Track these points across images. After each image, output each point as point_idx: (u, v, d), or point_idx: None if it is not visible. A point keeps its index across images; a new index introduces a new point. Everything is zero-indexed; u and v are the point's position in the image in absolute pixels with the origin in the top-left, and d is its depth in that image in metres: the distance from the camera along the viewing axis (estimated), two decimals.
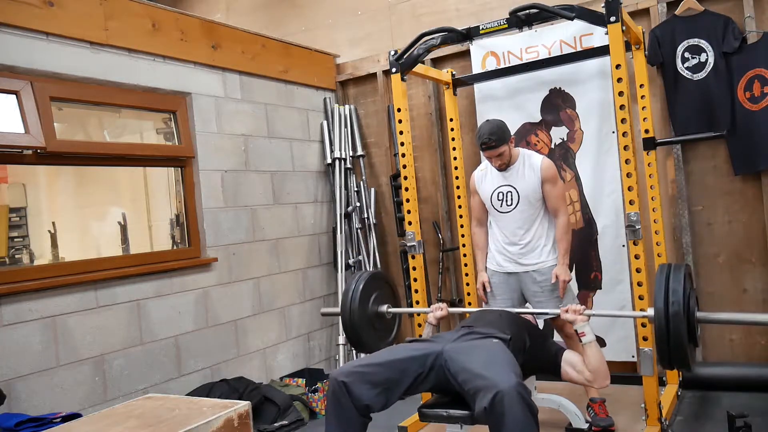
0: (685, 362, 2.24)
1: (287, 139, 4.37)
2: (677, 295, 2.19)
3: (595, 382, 2.55)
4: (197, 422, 1.97)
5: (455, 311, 3.25)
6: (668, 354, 2.22)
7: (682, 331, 2.17)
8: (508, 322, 2.65)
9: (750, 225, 3.51)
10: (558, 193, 3.20)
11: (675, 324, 2.17)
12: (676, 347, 2.19)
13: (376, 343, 3.06)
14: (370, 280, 3.06)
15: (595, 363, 2.51)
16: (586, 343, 2.54)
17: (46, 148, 2.94)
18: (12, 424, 2.47)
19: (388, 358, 2.38)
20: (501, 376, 2.10)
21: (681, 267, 2.28)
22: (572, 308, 2.62)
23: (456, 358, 2.31)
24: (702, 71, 3.51)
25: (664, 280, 2.24)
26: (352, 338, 3.02)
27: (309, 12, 5.04)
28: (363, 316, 2.98)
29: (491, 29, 3.31)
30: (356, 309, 2.95)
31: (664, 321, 2.19)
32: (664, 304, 2.20)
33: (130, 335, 3.24)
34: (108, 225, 4.00)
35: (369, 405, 2.26)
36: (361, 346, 3.06)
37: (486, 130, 3.08)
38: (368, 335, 3.02)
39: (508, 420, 2.00)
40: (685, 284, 2.23)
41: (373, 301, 3.05)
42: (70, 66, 3.08)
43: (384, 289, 3.15)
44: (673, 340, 2.18)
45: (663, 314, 2.19)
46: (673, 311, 2.17)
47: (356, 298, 2.97)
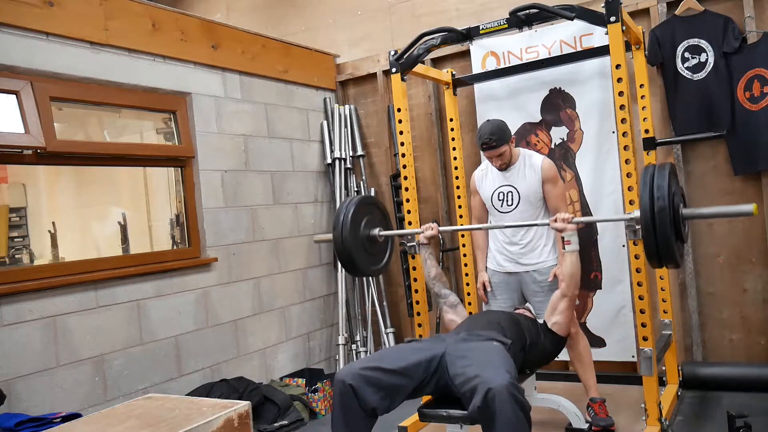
0: (673, 257, 2.30)
1: (287, 139, 4.37)
2: (662, 192, 2.24)
3: (568, 289, 2.75)
4: (197, 422, 1.97)
5: (445, 230, 3.31)
6: (656, 250, 2.28)
7: (668, 227, 2.23)
8: (508, 323, 2.65)
9: (750, 225, 3.51)
10: (558, 193, 3.21)
11: (661, 220, 2.23)
12: (663, 242, 2.25)
13: (370, 267, 3.14)
14: (361, 204, 3.08)
15: (571, 269, 2.72)
16: (569, 251, 2.72)
17: (46, 148, 2.94)
18: (12, 424, 2.48)
19: (395, 364, 2.36)
20: (493, 375, 2.11)
21: (665, 166, 2.33)
22: (560, 217, 2.73)
23: (455, 362, 2.32)
24: (702, 71, 3.51)
25: (649, 179, 2.29)
26: (346, 262, 3.06)
27: (309, 12, 5.04)
28: (355, 240, 3.01)
29: (491, 29, 3.31)
30: (348, 233, 2.98)
31: (650, 217, 2.25)
32: (649, 200, 2.26)
33: (130, 335, 3.24)
34: (108, 225, 4.00)
35: (375, 408, 2.27)
36: (355, 270, 3.11)
37: (486, 130, 3.08)
38: (361, 258, 3.06)
39: (500, 418, 2.02)
40: (670, 182, 2.28)
41: (365, 224, 3.08)
42: (70, 66, 3.08)
43: (375, 214, 3.18)
44: (660, 235, 2.24)
45: (648, 211, 2.26)
46: (659, 207, 2.23)
47: (347, 222, 2.99)
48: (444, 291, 3.03)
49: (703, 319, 3.63)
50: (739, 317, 3.56)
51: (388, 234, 3.19)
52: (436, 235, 3.06)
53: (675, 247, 2.30)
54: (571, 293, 2.76)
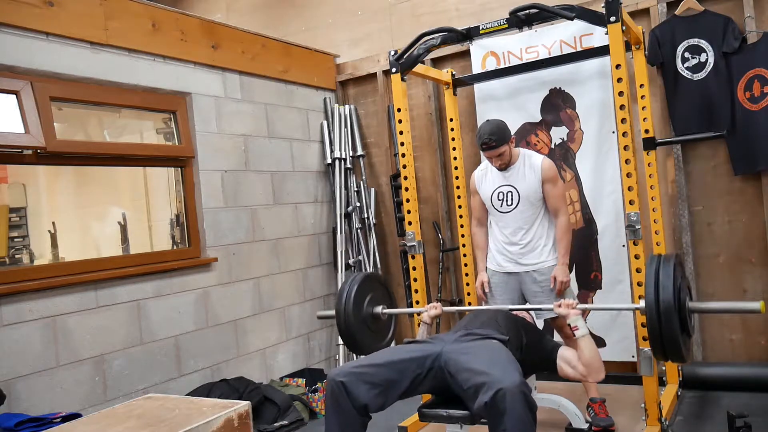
0: (679, 353, 2.24)
1: (287, 139, 4.37)
2: (667, 286, 2.19)
3: (589, 376, 2.55)
4: (197, 422, 1.97)
5: (450, 310, 3.24)
6: (662, 346, 2.23)
7: (674, 323, 2.17)
8: (505, 321, 2.65)
9: (750, 225, 3.51)
10: (558, 193, 3.20)
11: (666, 315, 2.17)
12: (669, 339, 2.20)
13: (373, 345, 3.05)
14: (364, 281, 3.05)
15: (589, 356, 2.51)
16: (580, 337, 2.54)
17: (46, 148, 2.94)
18: (12, 424, 2.48)
19: (387, 359, 2.38)
20: (504, 373, 2.10)
21: (671, 257, 2.28)
22: (565, 302, 2.63)
23: (456, 358, 2.31)
24: (702, 71, 3.51)
25: (654, 272, 2.24)
26: (348, 341, 3.01)
27: (309, 12, 5.04)
28: (358, 318, 2.97)
29: (491, 29, 3.31)
30: (351, 311, 2.94)
31: (655, 314, 2.20)
32: (654, 295, 2.20)
33: (130, 335, 3.24)
34: (108, 225, 4.00)
35: (367, 405, 2.26)
36: (357, 348, 3.05)
37: (486, 131, 3.08)
38: (364, 337, 3.01)
39: (509, 417, 2.01)
40: (675, 275, 2.23)
41: (368, 302, 3.04)
42: (70, 66, 3.08)
43: (378, 290, 3.14)
44: (666, 332, 2.19)
45: (654, 307, 2.20)
46: (664, 302, 2.18)
47: (350, 300, 2.96)
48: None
49: (703, 319, 3.63)
50: (739, 317, 3.56)
51: (391, 312, 3.15)
52: (440, 314, 2.97)
53: (681, 341, 2.23)
54: (593, 380, 2.59)
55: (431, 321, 2.95)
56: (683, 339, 2.24)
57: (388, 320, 3.18)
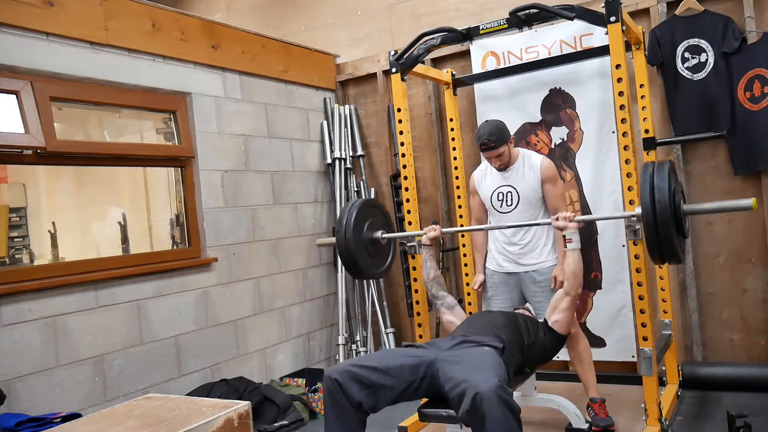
0: (675, 253, 2.33)
1: (287, 139, 4.37)
2: (662, 189, 2.28)
3: (570, 288, 2.75)
4: (197, 422, 1.97)
5: (448, 231, 3.33)
6: (658, 247, 2.32)
7: (669, 223, 2.26)
8: (504, 324, 2.64)
9: (750, 225, 3.51)
10: (558, 193, 3.21)
11: (662, 216, 2.26)
12: (665, 239, 2.29)
13: (373, 269, 3.15)
14: (363, 207, 3.09)
15: (573, 267, 2.72)
16: (571, 249, 2.71)
17: (46, 148, 2.94)
18: (12, 424, 2.48)
19: (383, 363, 2.38)
20: (481, 378, 2.10)
21: (665, 163, 2.36)
22: (562, 215, 2.74)
23: (445, 368, 2.31)
24: (702, 71, 3.51)
25: (649, 176, 2.32)
26: (349, 265, 3.07)
27: (309, 12, 5.04)
28: (358, 242, 3.02)
29: (491, 29, 3.31)
30: (351, 235, 3.00)
31: (651, 214, 2.28)
32: (650, 198, 2.29)
33: (130, 335, 3.24)
34: (108, 225, 4.00)
35: (361, 403, 2.29)
36: (358, 272, 3.12)
37: (485, 131, 3.08)
38: (365, 261, 3.07)
39: (489, 421, 2.01)
40: (670, 178, 2.31)
41: (368, 227, 3.09)
42: (70, 66, 3.08)
43: (377, 216, 3.19)
44: (662, 231, 2.27)
45: (650, 208, 2.29)
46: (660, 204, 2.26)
47: (350, 224, 3.00)
48: (441, 293, 3.03)
49: (703, 319, 3.63)
50: (739, 317, 3.56)
51: (390, 236, 3.20)
52: (438, 236, 3.06)
53: (677, 242, 2.32)
54: (574, 292, 2.77)
55: (431, 242, 3.06)
56: (679, 240, 2.34)
57: (388, 245, 3.24)
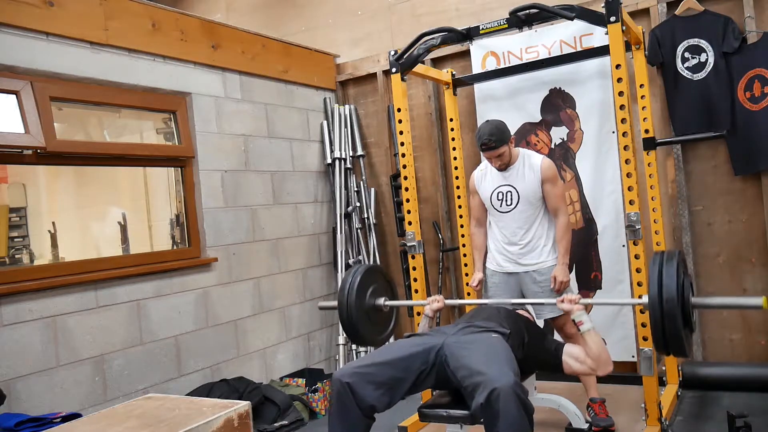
0: (681, 348, 2.26)
1: (287, 139, 4.37)
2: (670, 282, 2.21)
3: (599, 370, 2.54)
4: (197, 422, 1.97)
5: (451, 303, 3.25)
6: (664, 341, 2.24)
7: (676, 317, 2.19)
8: (507, 317, 2.65)
9: (750, 225, 3.51)
10: (558, 192, 3.20)
11: (669, 310, 2.19)
12: (671, 333, 2.21)
13: (374, 337, 3.08)
14: (367, 273, 3.06)
15: (596, 350, 2.50)
16: (585, 331, 2.53)
17: (46, 148, 2.94)
18: (12, 424, 2.47)
19: (391, 356, 2.37)
20: (499, 373, 2.10)
21: (674, 254, 2.30)
22: (567, 298, 2.63)
23: (456, 353, 2.30)
24: (702, 71, 3.51)
25: (657, 266, 2.26)
26: (350, 332, 3.03)
27: (309, 12, 5.04)
28: (360, 310, 2.98)
29: (491, 29, 3.31)
30: (353, 302, 2.95)
31: (658, 308, 2.21)
32: (657, 290, 2.22)
33: (130, 335, 3.24)
34: (108, 225, 4.00)
35: (374, 405, 2.25)
36: (359, 339, 3.07)
37: (485, 131, 3.08)
38: (366, 328, 3.03)
39: (503, 418, 2.01)
40: (679, 271, 2.24)
41: (370, 294, 3.05)
42: (70, 66, 3.08)
43: (380, 282, 3.16)
44: (669, 326, 2.20)
45: (657, 301, 2.21)
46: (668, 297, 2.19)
47: (353, 291, 2.97)
48: None
49: (703, 319, 3.63)
50: (739, 317, 3.56)
51: (393, 305, 3.15)
52: (442, 307, 2.97)
53: (684, 336, 2.24)
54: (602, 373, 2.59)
55: (433, 314, 2.95)
56: (686, 334, 2.26)
57: (390, 312, 3.19)
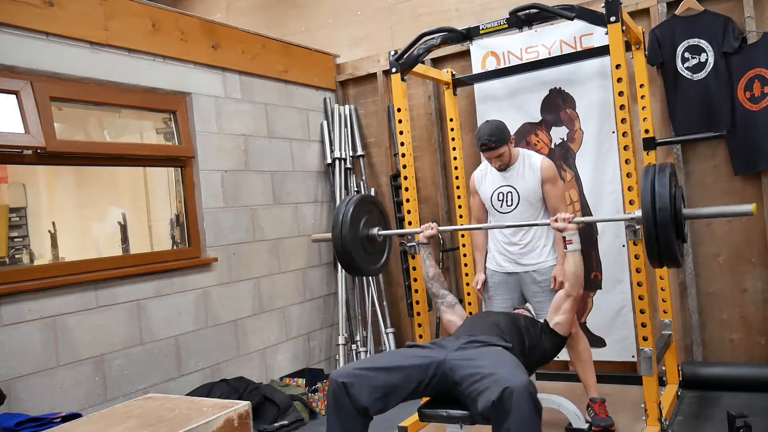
0: (674, 257, 2.35)
1: (287, 139, 4.37)
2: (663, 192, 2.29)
3: (572, 288, 2.74)
4: (197, 422, 1.97)
5: (445, 230, 3.31)
6: (657, 250, 2.33)
7: (669, 227, 2.28)
8: (507, 326, 2.64)
9: (750, 225, 3.51)
10: (558, 193, 3.21)
11: (662, 220, 2.27)
12: (664, 242, 2.30)
13: (369, 266, 3.14)
14: (360, 203, 3.09)
15: (574, 268, 2.72)
16: (571, 250, 2.71)
17: (46, 148, 2.94)
18: (12, 424, 2.48)
19: (390, 363, 2.37)
20: (511, 373, 2.11)
21: (666, 166, 2.37)
22: (561, 217, 2.74)
23: (463, 365, 2.29)
24: (702, 71, 3.51)
25: (650, 179, 2.33)
26: (345, 261, 3.06)
27: (309, 12, 5.04)
28: (354, 239, 3.01)
29: (491, 29, 3.31)
30: (347, 232, 2.98)
31: (651, 218, 2.29)
32: (650, 201, 2.30)
33: (130, 335, 3.24)
34: (108, 225, 4.00)
35: (367, 408, 2.25)
36: (353, 268, 3.11)
37: (485, 132, 3.08)
38: (360, 257, 3.06)
39: (515, 416, 2.01)
40: (671, 182, 2.32)
41: (364, 224, 3.08)
42: (70, 66, 3.08)
43: (374, 213, 3.18)
44: (662, 235, 2.29)
45: (650, 211, 2.29)
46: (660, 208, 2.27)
47: (347, 221, 2.99)
48: (442, 291, 3.03)
49: (703, 319, 3.63)
50: (739, 317, 3.56)
51: (387, 233, 3.19)
52: (435, 234, 3.06)
53: (676, 246, 2.33)
54: (576, 293, 2.76)
55: (428, 240, 3.06)
56: (678, 244, 2.36)
57: (383, 242, 3.23)
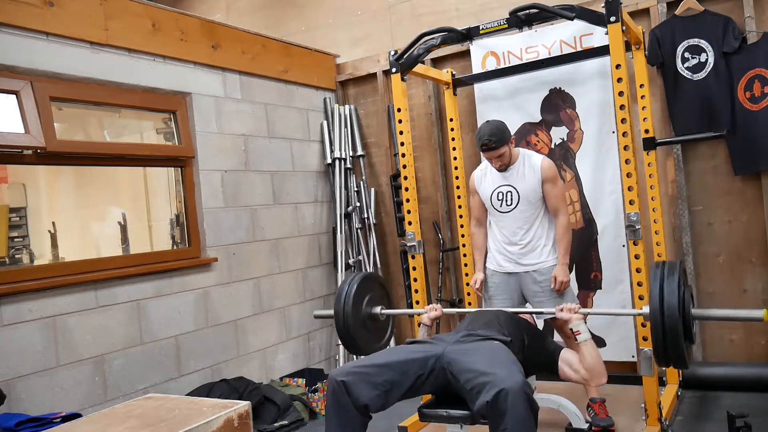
0: (682, 360, 2.26)
1: (287, 139, 4.37)
2: (672, 294, 2.21)
3: (592, 381, 2.58)
4: (197, 422, 1.97)
5: (450, 312, 3.24)
6: (665, 352, 2.25)
7: (677, 329, 2.19)
8: (506, 322, 2.65)
9: (750, 225, 3.51)
10: (558, 193, 3.21)
11: (670, 322, 2.19)
12: (672, 345, 2.22)
13: (371, 345, 3.05)
14: (363, 282, 3.04)
15: (591, 361, 2.51)
16: (582, 341, 2.54)
17: (46, 148, 2.94)
18: (12, 424, 2.48)
19: (389, 359, 2.38)
20: (507, 373, 2.10)
21: (675, 264, 2.30)
22: (567, 307, 2.63)
23: (459, 359, 2.30)
24: (702, 71, 3.51)
25: (659, 278, 2.26)
26: (347, 341, 3.00)
27: (309, 12, 5.04)
28: (357, 318, 2.96)
29: (491, 29, 3.31)
30: (350, 311, 2.93)
31: (659, 320, 2.21)
32: (659, 303, 2.22)
33: (130, 335, 3.24)
34: (108, 225, 4.00)
35: (367, 405, 2.25)
36: (355, 348, 3.04)
37: (486, 132, 3.08)
38: (363, 337, 3.00)
39: (511, 417, 2.01)
40: (680, 282, 2.24)
41: (367, 302, 3.03)
42: (70, 66, 3.08)
43: (377, 291, 3.13)
44: (669, 338, 2.21)
45: (658, 313, 2.22)
46: (668, 310, 2.20)
47: (349, 300, 2.94)
48: None
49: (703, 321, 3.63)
50: None
51: (389, 313, 3.14)
52: (439, 316, 2.97)
53: (684, 348, 2.25)
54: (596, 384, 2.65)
55: (431, 323, 2.94)
56: (686, 346, 2.26)
57: (386, 321, 3.17)
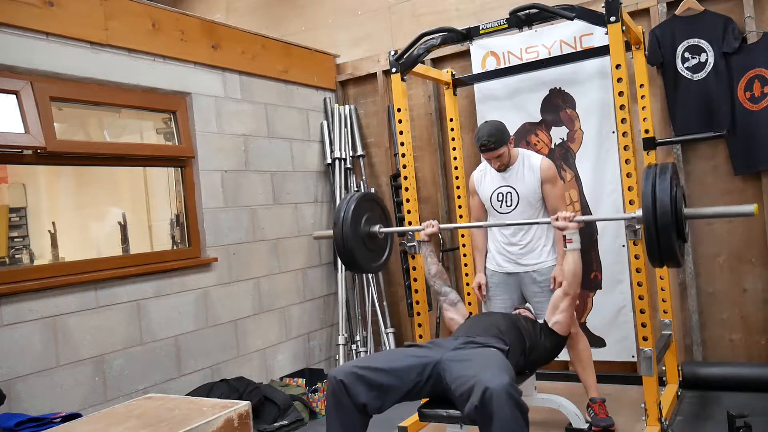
0: (674, 257, 2.34)
1: (287, 139, 4.37)
2: (664, 192, 2.28)
3: (569, 287, 2.76)
4: (197, 422, 1.97)
5: (446, 227, 3.32)
6: (658, 250, 2.33)
7: (670, 227, 2.27)
8: (506, 327, 2.64)
9: (750, 225, 3.51)
10: (558, 193, 3.21)
11: (663, 220, 2.27)
12: (665, 242, 2.30)
13: (370, 263, 3.14)
14: (361, 201, 3.09)
15: (573, 267, 2.73)
16: (571, 249, 2.72)
17: (46, 148, 2.94)
18: (12, 424, 2.48)
19: (387, 364, 2.38)
20: (492, 376, 2.10)
21: (667, 166, 2.37)
22: (562, 215, 2.74)
23: (452, 367, 2.31)
24: (702, 71, 3.51)
25: (651, 179, 2.33)
26: (346, 258, 3.06)
27: (309, 12, 5.04)
28: (356, 237, 3.01)
29: (491, 29, 3.31)
30: (348, 229, 2.98)
31: (652, 217, 2.29)
32: (651, 201, 2.30)
33: (130, 335, 3.24)
34: (108, 225, 4.01)
35: (366, 405, 2.27)
36: (354, 265, 3.11)
37: (485, 132, 3.08)
38: (362, 255, 3.07)
39: (498, 418, 2.01)
40: (672, 182, 2.31)
41: (365, 221, 3.09)
42: (70, 66, 3.08)
43: (375, 210, 3.19)
44: (662, 235, 2.28)
45: (651, 211, 2.29)
46: (661, 207, 2.27)
47: (348, 218, 2.99)
48: (444, 288, 3.03)
49: (703, 319, 3.63)
50: (739, 317, 3.56)
51: (388, 231, 3.19)
52: (436, 232, 3.06)
53: (677, 246, 2.32)
54: (573, 292, 2.77)
55: (429, 238, 3.06)
56: (679, 244, 2.35)
57: (385, 239, 3.24)
